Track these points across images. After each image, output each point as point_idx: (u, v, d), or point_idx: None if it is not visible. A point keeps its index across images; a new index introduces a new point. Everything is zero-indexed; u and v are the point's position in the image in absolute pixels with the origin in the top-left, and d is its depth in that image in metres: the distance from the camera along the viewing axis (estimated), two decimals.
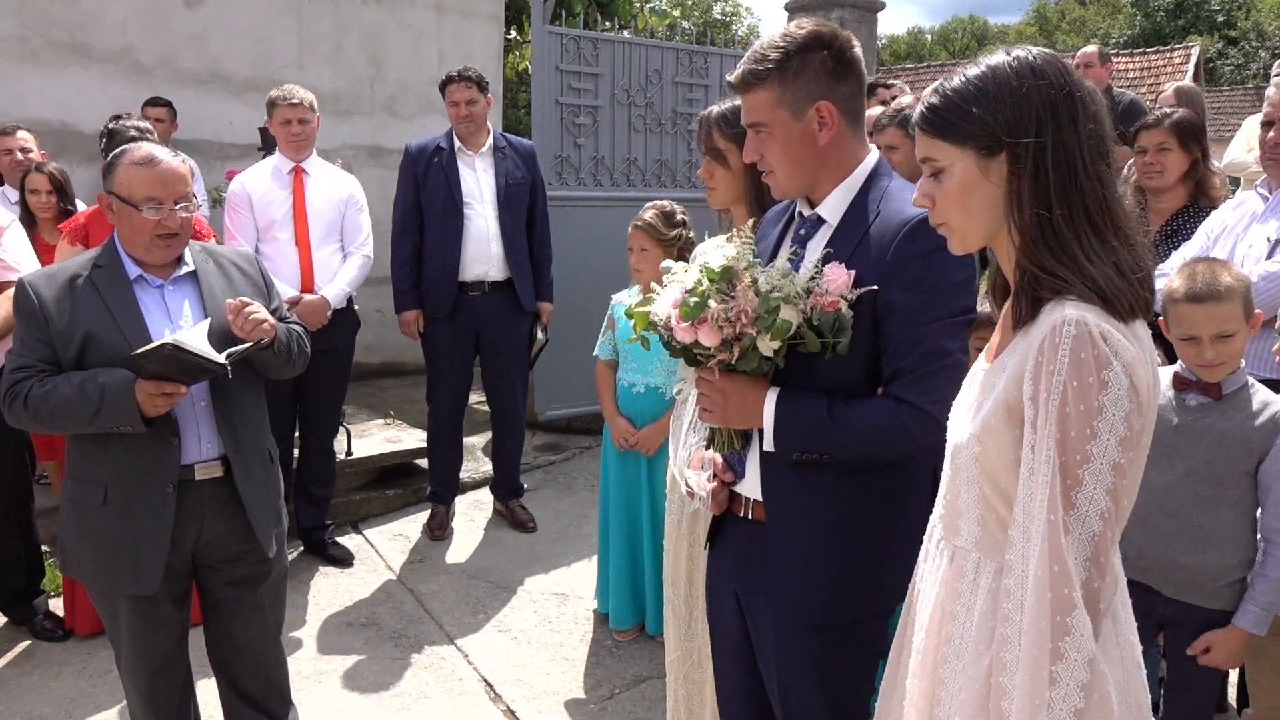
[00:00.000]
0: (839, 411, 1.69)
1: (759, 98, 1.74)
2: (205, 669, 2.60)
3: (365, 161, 6.61)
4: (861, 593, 1.79)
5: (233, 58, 6.15)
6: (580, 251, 5.34)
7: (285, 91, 4.01)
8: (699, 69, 6.00)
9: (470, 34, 7.14)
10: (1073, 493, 1.20)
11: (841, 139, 1.76)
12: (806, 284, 1.66)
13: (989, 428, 1.32)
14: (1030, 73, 1.30)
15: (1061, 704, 1.19)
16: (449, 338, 4.35)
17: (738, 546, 1.93)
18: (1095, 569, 1.21)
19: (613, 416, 3.53)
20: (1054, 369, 1.21)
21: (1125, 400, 1.21)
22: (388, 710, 3.16)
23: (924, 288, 1.65)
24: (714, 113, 2.34)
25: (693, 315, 1.67)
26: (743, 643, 1.98)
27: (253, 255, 2.57)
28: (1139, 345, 1.26)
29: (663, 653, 3.38)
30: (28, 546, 3.57)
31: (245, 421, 2.38)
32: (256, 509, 2.37)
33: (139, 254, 2.30)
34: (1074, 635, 1.19)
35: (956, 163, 1.34)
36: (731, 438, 1.86)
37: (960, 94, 1.33)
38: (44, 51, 5.56)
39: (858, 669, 1.86)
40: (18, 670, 3.33)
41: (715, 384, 1.75)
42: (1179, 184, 3.19)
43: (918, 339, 1.65)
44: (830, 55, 1.71)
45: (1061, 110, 1.29)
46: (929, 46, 47.96)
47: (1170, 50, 21.26)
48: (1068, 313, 1.23)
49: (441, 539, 4.45)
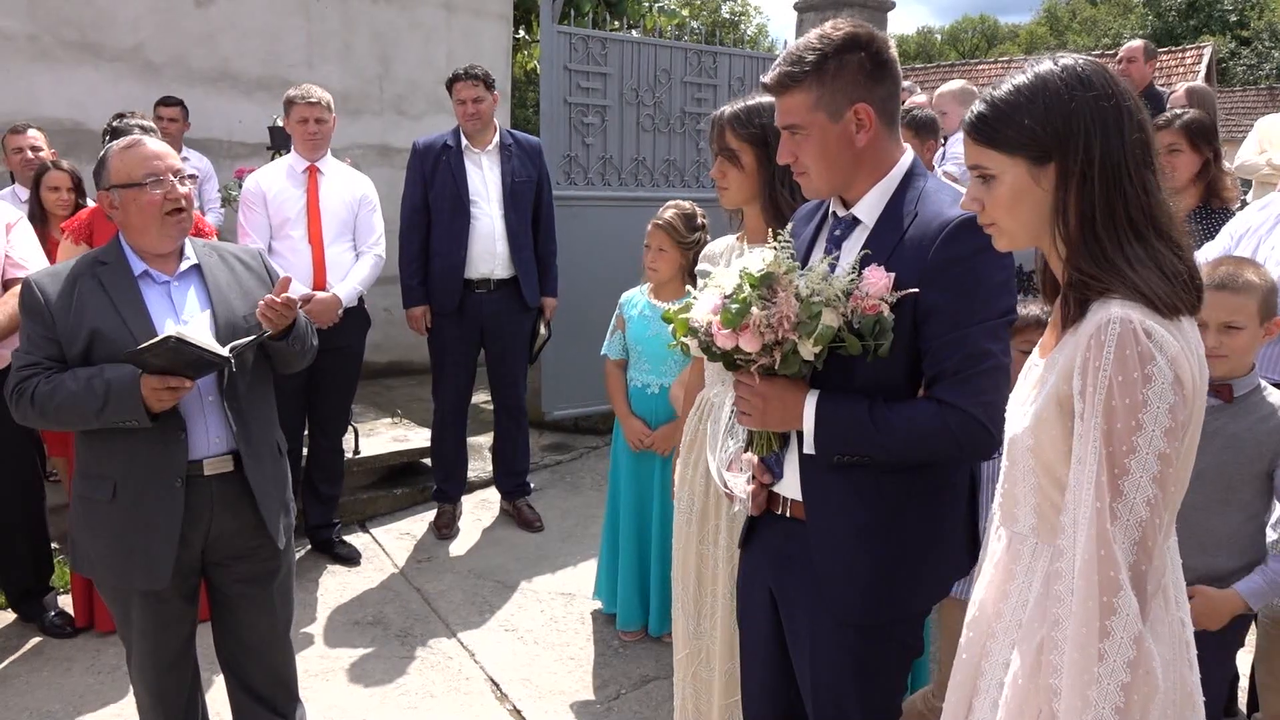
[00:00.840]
0: (880, 413, 1.69)
1: (796, 99, 1.73)
2: (213, 666, 2.61)
3: (374, 160, 6.62)
4: (900, 593, 1.80)
5: (242, 56, 6.17)
6: (588, 251, 5.34)
7: (303, 90, 4.03)
8: (707, 68, 5.99)
9: (479, 33, 7.15)
10: (1120, 481, 1.26)
11: (878, 140, 1.75)
12: (846, 286, 1.66)
13: (1042, 420, 1.38)
14: (1079, 83, 1.33)
15: (1109, 678, 1.25)
16: (454, 334, 4.37)
17: (775, 545, 1.93)
18: (1143, 553, 1.27)
19: (626, 417, 3.52)
20: (1099, 365, 1.27)
21: (1169, 393, 1.26)
22: (394, 708, 3.16)
23: (965, 290, 1.65)
24: (726, 113, 2.33)
25: (734, 323, 1.67)
26: (773, 643, 1.98)
27: (257, 251, 2.58)
28: (1184, 340, 1.30)
29: (669, 653, 3.39)
30: (38, 543, 3.58)
31: (255, 415, 2.39)
32: (267, 501, 2.38)
33: (150, 243, 2.31)
34: (1120, 615, 1.24)
35: (1007, 171, 1.38)
36: (770, 440, 1.86)
37: (1010, 104, 1.36)
38: (55, 50, 5.59)
39: (892, 669, 1.87)
40: (27, 666, 3.35)
41: (755, 388, 1.75)
42: (1190, 185, 3.17)
43: (960, 341, 1.65)
44: (868, 57, 1.71)
45: (1109, 121, 1.33)
46: (939, 46, 47.84)
47: (1182, 50, 21.16)
48: (1113, 311, 1.28)
49: (448, 538, 4.46)
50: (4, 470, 3.44)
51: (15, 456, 3.45)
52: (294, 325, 2.37)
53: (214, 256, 2.44)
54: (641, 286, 3.56)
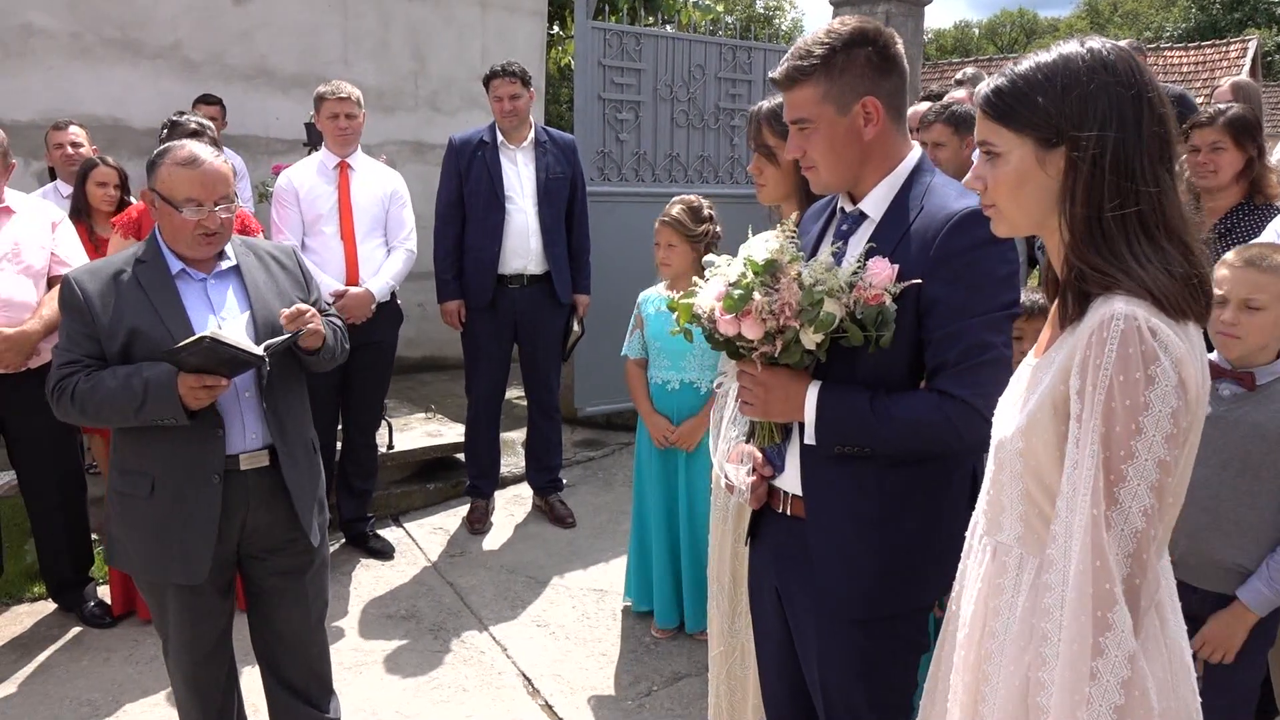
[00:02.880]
0: (881, 405, 1.69)
1: (804, 94, 1.74)
2: (248, 657, 2.64)
3: (408, 157, 6.66)
4: (902, 587, 1.79)
5: (279, 53, 6.23)
6: (621, 247, 5.34)
7: (333, 87, 4.05)
8: (742, 64, 5.96)
9: (514, 29, 7.17)
10: (1116, 488, 1.19)
11: (885, 134, 1.76)
12: (850, 278, 1.67)
13: (1035, 422, 1.31)
14: (1102, 68, 1.27)
15: (1101, 700, 1.17)
16: (488, 329, 4.38)
17: (778, 543, 1.93)
18: (1137, 565, 1.19)
19: (649, 415, 3.52)
20: (1101, 363, 1.20)
21: (1173, 397, 1.19)
22: (426, 702, 3.18)
23: (968, 282, 1.65)
24: (764, 109, 2.33)
25: (737, 308, 1.68)
26: (785, 639, 1.97)
27: (291, 249, 2.60)
28: (1189, 343, 1.24)
29: (701, 650, 3.38)
30: (78, 534, 3.64)
31: (290, 411, 2.41)
32: (301, 496, 2.40)
33: (181, 249, 2.33)
34: (1115, 631, 1.17)
35: (1014, 150, 1.32)
36: (772, 431, 1.86)
37: (1028, 81, 1.31)
38: (96, 48, 5.67)
39: (899, 664, 1.85)
40: (68, 656, 3.41)
41: (757, 377, 1.76)
42: (1233, 183, 3.10)
43: (962, 333, 1.65)
44: (875, 51, 1.72)
45: (1128, 110, 1.26)
46: (976, 41, 47.32)
47: (1226, 44, 20.74)
48: (1117, 307, 1.21)
49: (481, 533, 4.47)
50: (45, 462, 3.50)
51: (57, 448, 3.51)
52: (324, 343, 2.41)
53: (251, 256, 2.46)
54: (659, 285, 3.55)
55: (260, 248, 2.52)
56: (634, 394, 3.60)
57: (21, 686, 3.20)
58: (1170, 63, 19.98)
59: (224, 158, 2.39)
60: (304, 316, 2.31)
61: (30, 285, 3.31)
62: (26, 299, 3.29)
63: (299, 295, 2.45)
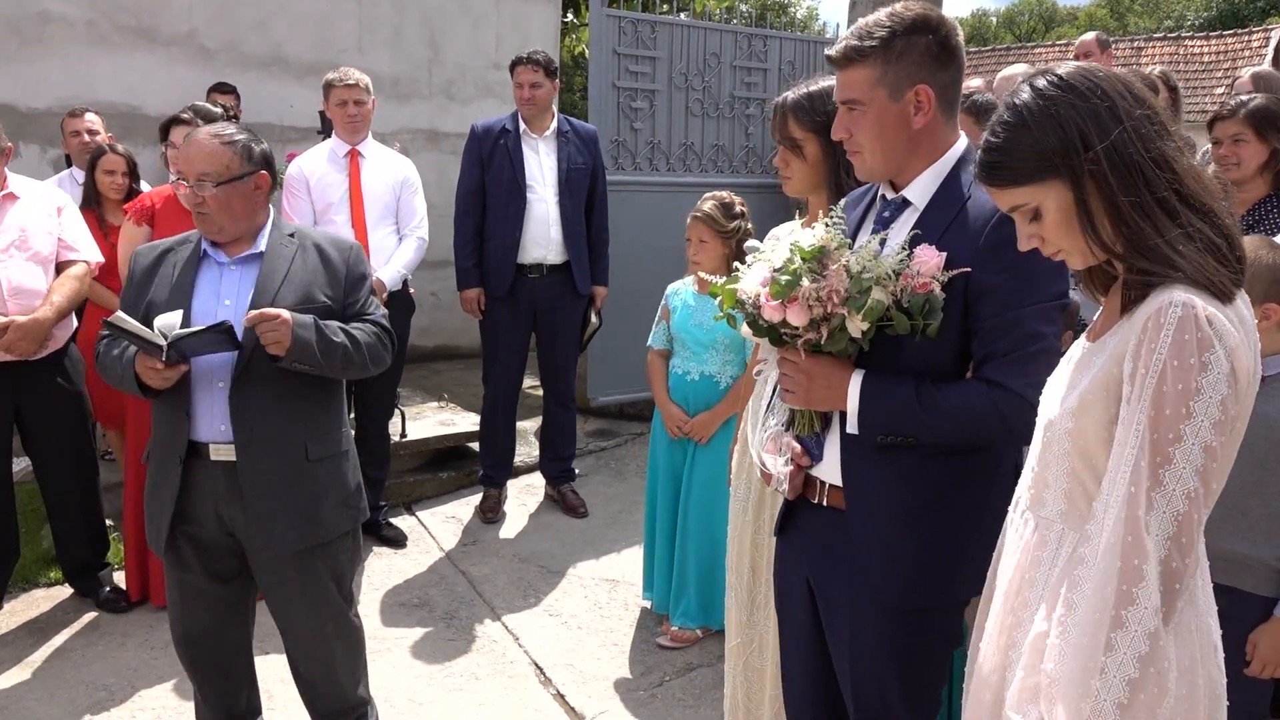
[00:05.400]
0: (927, 394, 1.67)
1: (858, 74, 1.72)
2: (263, 645, 2.64)
3: (423, 145, 6.65)
4: (940, 579, 1.78)
5: (294, 41, 6.23)
6: (636, 236, 5.32)
7: (341, 73, 4.04)
8: (757, 52, 5.92)
9: (528, 16, 7.14)
10: (1161, 470, 1.21)
11: (934, 125, 1.74)
12: (896, 265, 1.65)
13: (1086, 404, 1.34)
14: (1064, 92, 1.32)
15: (1115, 671, 1.20)
16: (507, 318, 4.37)
17: (812, 534, 1.91)
18: (1176, 549, 1.21)
19: (665, 404, 3.51)
20: (1155, 347, 1.23)
21: (1223, 384, 1.21)
22: (439, 690, 3.19)
23: (1020, 271, 1.63)
24: (788, 100, 2.25)
25: (784, 294, 1.66)
26: (813, 633, 1.96)
27: (353, 246, 2.52)
28: (1244, 331, 1.26)
29: (712, 642, 3.38)
30: (93, 520, 3.66)
31: (266, 412, 2.33)
32: (259, 500, 2.32)
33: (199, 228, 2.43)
34: (1138, 606, 1.20)
35: (1046, 197, 1.35)
36: (812, 420, 1.84)
37: (1009, 141, 1.35)
38: (112, 35, 5.68)
39: (933, 657, 1.85)
40: (83, 640, 3.43)
41: (800, 365, 1.73)
42: (1258, 175, 3.06)
43: (1013, 322, 1.64)
44: (935, 40, 1.70)
45: (1100, 113, 1.30)
46: (994, 29, 46.94)
47: (1249, 33, 20.50)
48: (1175, 295, 1.24)
49: (493, 522, 4.48)
50: (60, 449, 3.52)
51: (71, 435, 3.53)
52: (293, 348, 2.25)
53: (293, 245, 2.42)
54: (687, 278, 3.54)
55: (312, 239, 2.47)
56: (653, 384, 3.60)
57: (37, 671, 3.23)
58: (1191, 52, 19.76)
59: (222, 136, 2.35)
60: (267, 322, 2.22)
61: (39, 272, 3.31)
62: (36, 286, 3.29)
63: (326, 294, 2.40)
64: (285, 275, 2.38)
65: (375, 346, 2.47)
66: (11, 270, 3.24)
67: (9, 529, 3.53)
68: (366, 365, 2.45)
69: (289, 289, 2.37)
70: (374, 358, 2.47)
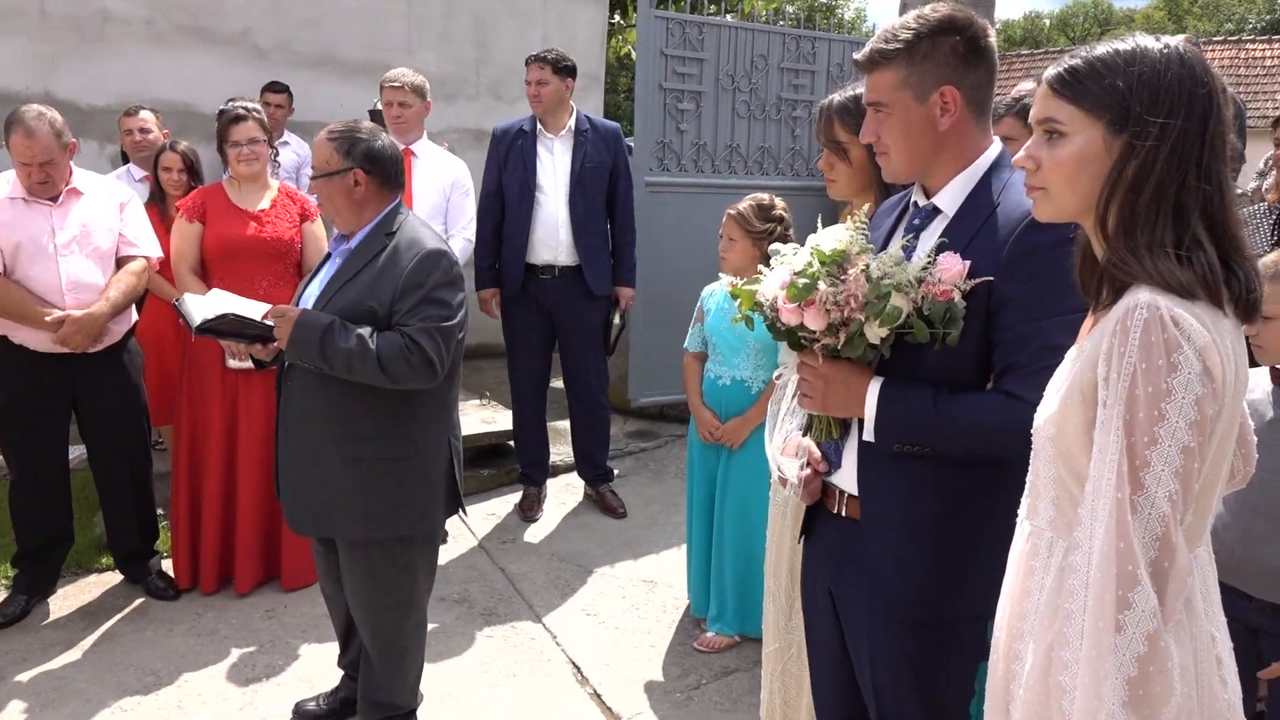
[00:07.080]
0: (944, 404, 1.65)
1: (884, 77, 1.71)
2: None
3: (470, 144, 6.70)
4: (956, 590, 1.74)
5: (345, 41, 6.31)
6: (678, 238, 5.32)
7: (391, 75, 4.09)
8: (805, 54, 5.89)
9: (575, 17, 7.17)
10: (1141, 473, 1.21)
11: (963, 127, 1.71)
12: (919, 273, 1.63)
13: (1066, 408, 1.33)
14: (1179, 62, 1.28)
15: (1116, 673, 1.20)
16: (524, 318, 4.39)
17: (830, 543, 1.90)
18: (1164, 549, 1.21)
19: (698, 409, 3.50)
20: (1124, 350, 1.22)
21: (1196, 384, 1.20)
22: (476, 686, 3.21)
23: (1043, 282, 1.60)
24: (835, 102, 2.25)
25: (801, 297, 1.65)
26: (837, 640, 1.95)
27: (430, 254, 2.45)
28: (1217, 331, 1.24)
29: (750, 646, 3.36)
30: (144, 508, 3.74)
31: (303, 399, 2.55)
32: (285, 479, 2.61)
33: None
34: (1135, 609, 1.19)
35: (1082, 131, 1.32)
36: (830, 426, 1.82)
37: (1105, 64, 1.31)
38: (169, 34, 5.80)
39: (954, 671, 1.81)
40: (132, 625, 3.51)
41: (818, 370, 1.72)
42: None
43: (1033, 334, 1.61)
44: (963, 41, 1.68)
45: (1197, 105, 1.27)
46: (1047, 32, 46.19)
47: None
48: (1141, 296, 1.24)
49: (533, 520, 4.51)
50: (115, 439, 3.60)
51: (126, 427, 3.60)
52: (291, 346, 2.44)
53: (379, 245, 2.48)
54: (722, 280, 3.53)
55: (403, 240, 2.47)
56: (687, 386, 3.59)
57: (87, 653, 3.31)
58: (1252, 56, 19.31)
59: (331, 132, 2.57)
60: (277, 318, 2.45)
61: (97, 268, 3.39)
62: (94, 281, 3.37)
63: (376, 300, 2.42)
64: (354, 276, 2.46)
65: (395, 361, 2.37)
66: (71, 265, 3.32)
67: (65, 516, 3.62)
68: (378, 376, 2.38)
69: (350, 289, 2.45)
70: (390, 370, 2.38)
